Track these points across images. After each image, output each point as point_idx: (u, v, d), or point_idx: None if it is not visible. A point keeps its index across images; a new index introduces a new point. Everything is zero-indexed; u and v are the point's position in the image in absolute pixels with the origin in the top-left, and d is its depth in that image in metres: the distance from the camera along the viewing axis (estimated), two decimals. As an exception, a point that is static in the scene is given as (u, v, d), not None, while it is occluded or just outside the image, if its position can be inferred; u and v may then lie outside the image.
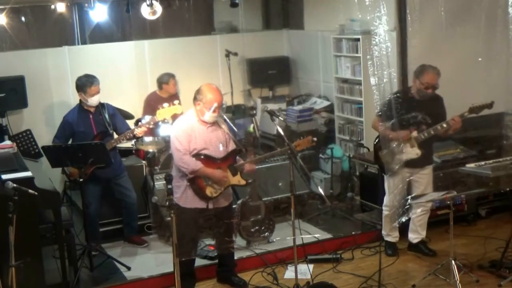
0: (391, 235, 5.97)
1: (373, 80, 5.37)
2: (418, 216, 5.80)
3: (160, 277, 5.51)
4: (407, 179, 5.64)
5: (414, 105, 5.53)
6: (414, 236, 5.97)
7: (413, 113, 5.51)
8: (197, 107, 5.06)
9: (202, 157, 5.04)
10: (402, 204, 5.57)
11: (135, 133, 5.85)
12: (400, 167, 5.55)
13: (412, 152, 5.52)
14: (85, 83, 5.89)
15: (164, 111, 5.66)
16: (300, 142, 5.15)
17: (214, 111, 5.01)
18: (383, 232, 6.01)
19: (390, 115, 5.42)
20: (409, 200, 5.43)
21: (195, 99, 5.06)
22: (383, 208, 5.93)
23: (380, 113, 5.45)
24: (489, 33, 6.26)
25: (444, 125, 5.44)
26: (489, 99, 5.49)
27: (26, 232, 4.47)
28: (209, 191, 5.08)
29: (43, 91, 7.50)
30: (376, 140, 5.85)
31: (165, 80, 7.17)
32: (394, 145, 5.58)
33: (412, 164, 5.56)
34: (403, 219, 5.72)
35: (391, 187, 5.72)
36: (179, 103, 5.79)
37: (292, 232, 4.96)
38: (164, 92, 7.19)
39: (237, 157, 5.27)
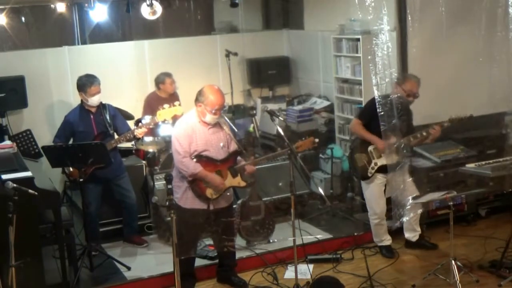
0: (384, 239, 5.98)
1: (374, 80, 5.38)
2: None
3: (160, 277, 5.51)
4: (409, 180, 5.68)
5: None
6: (412, 235, 6.01)
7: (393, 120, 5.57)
8: (198, 108, 5.05)
9: (203, 158, 5.04)
10: (402, 205, 5.59)
11: (135, 134, 5.85)
12: (398, 171, 5.60)
13: (392, 158, 5.57)
14: (86, 83, 5.89)
15: (165, 112, 5.66)
16: (302, 143, 5.14)
17: (215, 113, 5.00)
18: (376, 239, 6.02)
19: (391, 114, 5.43)
20: (410, 201, 5.44)
21: (196, 100, 5.05)
22: (371, 217, 5.94)
23: (382, 112, 5.44)
24: (489, 33, 6.26)
25: (424, 133, 5.60)
26: (489, 98, 5.51)
27: (26, 232, 4.47)
28: (209, 192, 5.08)
29: (43, 91, 7.49)
30: (353, 143, 5.88)
31: (161, 79, 7.21)
32: (373, 150, 5.64)
33: (383, 169, 5.65)
34: (405, 219, 5.74)
35: (375, 193, 5.78)
36: (179, 104, 5.79)
37: (292, 232, 4.96)
38: (163, 92, 7.21)
39: (238, 157, 5.26)
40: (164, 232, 6.35)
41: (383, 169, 5.66)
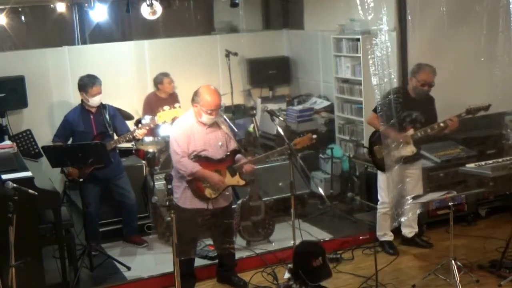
0: (387, 234, 5.99)
1: (374, 80, 5.38)
2: None
3: (160, 277, 5.51)
4: (408, 178, 5.69)
5: (410, 104, 5.59)
6: (408, 231, 6.04)
7: (409, 112, 5.59)
8: (194, 108, 5.06)
9: (202, 158, 5.04)
10: (401, 204, 5.59)
11: (134, 135, 5.84)
12: (399, 164, 5.59)
13: (408, 149, 5.60)
14: (87, 83, 5.89)
15: (165, 114, 5.63)
16: (300, 140, 5.14)
17: (211, 114, 5.00)
18: (379, 233, 6.02)
19: (390, 114, 5.45)
20: (410, 200, 5.44)
21: (193, 100, 5.05)
22: (379, 206, 5.94)
23: (380, 112, 5.46)
24: (490, 33, 6.26)
25: (442, 125, 5.55)
26: (490, 99, 5.50)
27: (26, 232, 4.47)
28: (208, 192, 5.08)
29: (43, 91, 7.49)
30: (372, 136, 5.88)
31: (159, 80, 7.23)
32: (391, 142, 5.64)
33: (404, 160, 5.65)
34: (403, 219, 5.74)
35: (390, 184, 5.76)
36: (180, 106, 5.78)
37: (292, 232, 4.95)
38: (162, 92, 7.23)
39: (238, 155, 5.25)
40: (164, 232, 6.35)
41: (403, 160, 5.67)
